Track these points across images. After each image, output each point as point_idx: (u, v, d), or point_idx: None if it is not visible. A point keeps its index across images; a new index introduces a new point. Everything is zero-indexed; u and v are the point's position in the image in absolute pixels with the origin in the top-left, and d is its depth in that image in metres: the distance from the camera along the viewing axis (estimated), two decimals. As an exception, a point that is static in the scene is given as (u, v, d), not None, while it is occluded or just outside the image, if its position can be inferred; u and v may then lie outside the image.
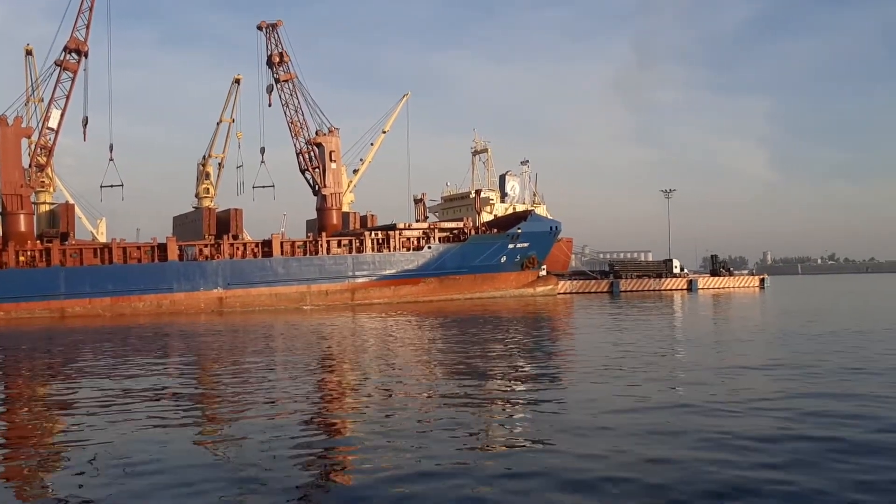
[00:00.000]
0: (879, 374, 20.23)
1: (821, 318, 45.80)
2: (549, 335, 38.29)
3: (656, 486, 10.25)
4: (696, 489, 10.10)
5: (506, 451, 12.70)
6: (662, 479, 10.58)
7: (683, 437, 13.13)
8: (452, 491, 10.21)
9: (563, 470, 11.13)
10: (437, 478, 10.86)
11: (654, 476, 10.71)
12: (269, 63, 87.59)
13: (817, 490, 9.93)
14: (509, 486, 10.40)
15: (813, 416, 14.65)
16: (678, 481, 10.45)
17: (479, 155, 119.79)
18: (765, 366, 22.63)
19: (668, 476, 10.69)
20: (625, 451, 12.18)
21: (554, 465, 11.45)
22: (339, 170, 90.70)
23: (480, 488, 10.36)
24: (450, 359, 26.40)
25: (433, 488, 10.34)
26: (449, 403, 17.14)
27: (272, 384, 20.90)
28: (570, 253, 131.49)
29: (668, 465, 11.27)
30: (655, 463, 11.44)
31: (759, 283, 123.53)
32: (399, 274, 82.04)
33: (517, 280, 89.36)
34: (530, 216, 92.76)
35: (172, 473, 11.46)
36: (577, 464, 11.52)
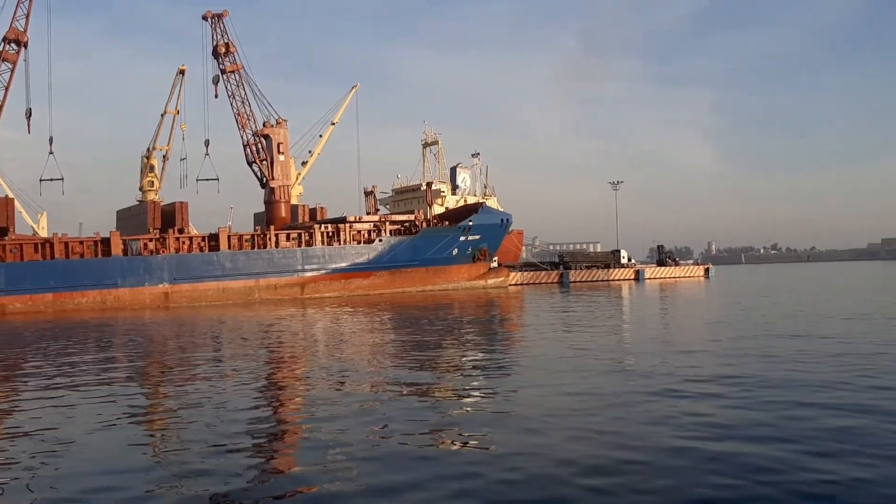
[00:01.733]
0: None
1: (756, 306, 46.80)
2: (500, 326, 38.26)
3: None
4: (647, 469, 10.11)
5: (453, 447, 12.50)
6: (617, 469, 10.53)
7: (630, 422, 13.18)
8: (405, 487, 10.00)
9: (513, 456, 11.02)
10: (386, 474, 10.63)
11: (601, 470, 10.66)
12: (215, 54, 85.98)
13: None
14: (460, 486, 10.20)
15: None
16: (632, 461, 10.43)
17: (429, 147, 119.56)
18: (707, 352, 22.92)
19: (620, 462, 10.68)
20: (567, 448, 12.12)
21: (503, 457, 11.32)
22: (288, 162, 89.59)
23: (428, 481, 10.17)
24: (400, 351, 26.14)
25: (381, 481, 10.14)
26: (399, 394, 16.96)
27: (217, 380, 20.36)
28: (521, 245, 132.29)
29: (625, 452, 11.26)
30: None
31: (704, 273, 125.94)
32: (350, 267, 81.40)
33: (469, 272, 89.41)
34: (481, 208, 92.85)
35: (111, 462, 11.32)
36: (526, 451, 11.43)
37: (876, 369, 18.72)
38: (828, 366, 19.54)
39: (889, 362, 19.99)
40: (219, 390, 18.54)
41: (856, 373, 18.26)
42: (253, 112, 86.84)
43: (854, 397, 15.30)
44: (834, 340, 25.27)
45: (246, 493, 10.01)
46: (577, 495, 9.55)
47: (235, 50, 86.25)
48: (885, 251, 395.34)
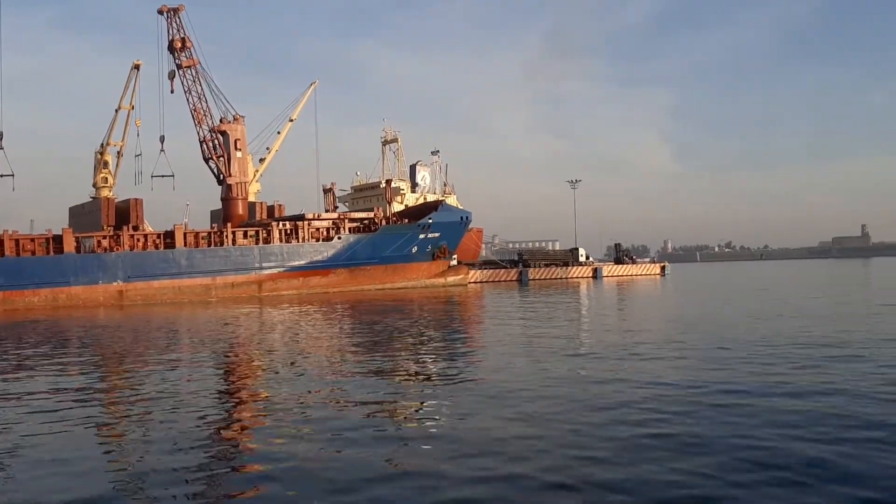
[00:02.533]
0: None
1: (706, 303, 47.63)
2: (460, 324, 38.33)
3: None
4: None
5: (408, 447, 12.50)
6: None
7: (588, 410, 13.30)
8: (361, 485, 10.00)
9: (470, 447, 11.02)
10: (343, 472, 10.64)
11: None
12: (171, 48, 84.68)
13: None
14: (414, 483, 10.23)
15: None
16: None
17: (389, 145, 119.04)
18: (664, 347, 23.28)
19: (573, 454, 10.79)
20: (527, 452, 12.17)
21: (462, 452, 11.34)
22: (245, 159, 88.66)
23: (381, 486, 10.16)
24: (360, 349, 26.04)
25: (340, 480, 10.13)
26: (359, 391, 16.87)
27: (172, 380, 20.08)
28: (481, 242, 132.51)
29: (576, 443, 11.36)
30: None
31: (660, 271, 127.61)
32: (308, 265, 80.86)
33: (429, 270, 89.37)
34: (441, 206, 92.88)
35: (66, 465, 11.11)
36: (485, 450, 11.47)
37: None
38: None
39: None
40: (173, 393, 18.18)
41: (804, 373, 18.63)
42: (210, 108, 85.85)
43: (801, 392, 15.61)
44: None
45: (201, 496, 9.89)
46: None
47: (192, 45, 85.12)
48: (836, 250, 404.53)
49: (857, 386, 15.77)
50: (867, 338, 24.66)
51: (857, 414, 13.23)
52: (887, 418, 12.81)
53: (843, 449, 10.99)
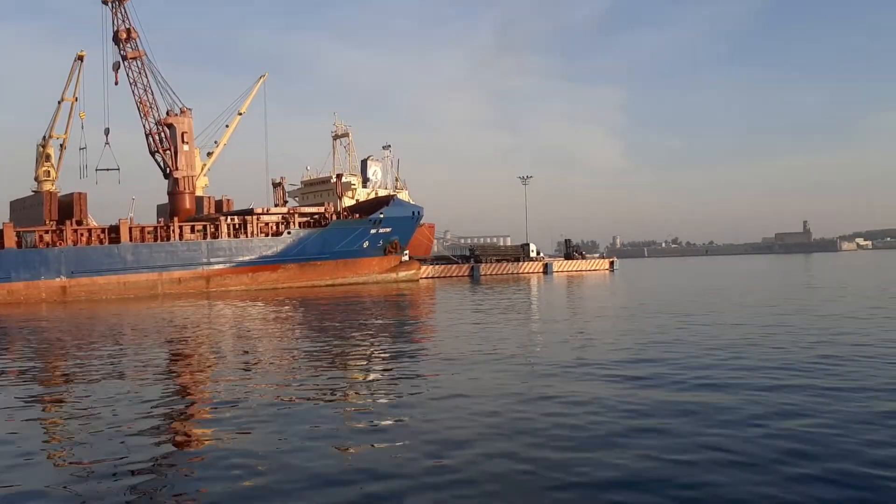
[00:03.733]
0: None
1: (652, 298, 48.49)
2: (410, 320, 38.23)
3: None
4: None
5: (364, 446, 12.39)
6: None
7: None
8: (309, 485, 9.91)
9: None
10: (292, 472, 10.54)
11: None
12: (116, 39, 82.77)
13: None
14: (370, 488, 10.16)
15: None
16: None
17: (340, 139, 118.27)
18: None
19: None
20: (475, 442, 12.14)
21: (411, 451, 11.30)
22: (192, 152, 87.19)
23: (331, 486, 10.07)
24: (309, 346, 25.83)
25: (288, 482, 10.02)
26: (308, 389, 16.74)
27: (115, 378, 19.62)
28: (433, 238, 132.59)
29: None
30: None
31: (609, 266, 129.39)
32: (257, 260, 79.93)
33: (380, 265, 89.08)
34: (392, 201, 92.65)
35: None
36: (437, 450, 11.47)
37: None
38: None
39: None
40: (116, 392, 17.71)
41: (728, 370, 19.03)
42: (156, 100, 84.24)
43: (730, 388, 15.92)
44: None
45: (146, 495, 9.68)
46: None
47: (137, 36, 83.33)
48: (779, 245, 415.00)
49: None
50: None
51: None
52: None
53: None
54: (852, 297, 43.02)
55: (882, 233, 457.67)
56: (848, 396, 14.01)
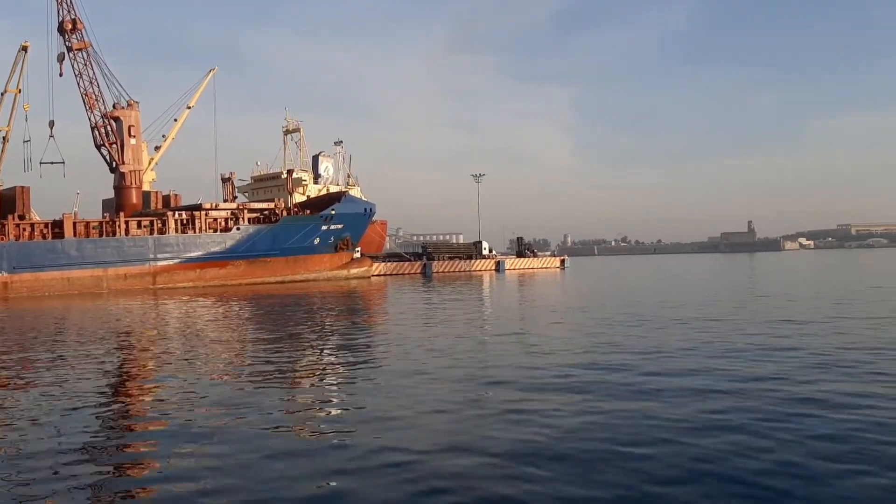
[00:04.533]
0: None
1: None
2: (361, 318, 38.04)
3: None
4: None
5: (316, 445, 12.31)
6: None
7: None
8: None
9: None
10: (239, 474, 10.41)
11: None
12: (61, 30, 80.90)
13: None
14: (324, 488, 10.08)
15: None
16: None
17: (291, 134, 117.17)
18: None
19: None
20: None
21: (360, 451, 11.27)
22: (139, 146, 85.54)
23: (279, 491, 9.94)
24: (256, 347, 25.52)
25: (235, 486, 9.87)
26: (256, 388, 16.52)
27: (57, 378, 19.15)
28: (385, 235, 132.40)
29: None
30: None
31: (560, 264, 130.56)
32: (205, 256, 78.79)
33: (331, 262, 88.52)
34: (344, 198, 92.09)
35: None
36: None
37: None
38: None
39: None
40: (57, 393, 17.25)
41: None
42: (102, 93, 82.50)
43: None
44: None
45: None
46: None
47: (83, 27, 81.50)
48: (724, 244, 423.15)
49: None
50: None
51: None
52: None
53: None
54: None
55: (823, 233, 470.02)
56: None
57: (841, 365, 17.23)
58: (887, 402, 13.15)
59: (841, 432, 11.19)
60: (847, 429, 11.38)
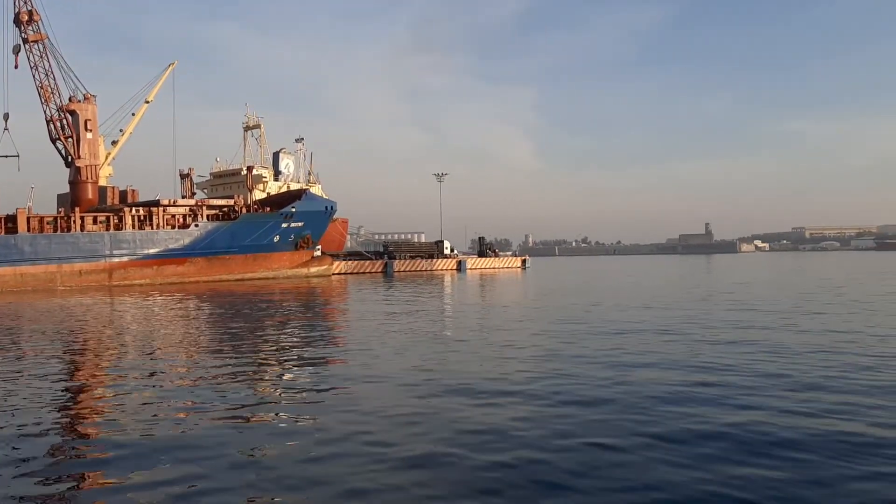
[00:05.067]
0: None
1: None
2: (321, 317, 37.85)
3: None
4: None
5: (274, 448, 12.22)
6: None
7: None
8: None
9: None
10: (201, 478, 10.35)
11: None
12: (17, 21, 79.38)
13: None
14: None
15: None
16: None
17: (251, 130, 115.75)
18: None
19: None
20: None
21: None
22: (96, 140, 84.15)
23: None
24: (212, 347, 25.28)
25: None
26: (214, 393, 16.46)
27: (5, 379, 18.79)
28: (346, 233, 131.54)
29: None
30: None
31: (521, 264, 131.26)
32: (163, 253, 77.76)
33: (291, 260, 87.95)
34: (305, 195, 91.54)
35: None
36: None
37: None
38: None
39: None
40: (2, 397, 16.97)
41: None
42: (58, 86, 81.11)
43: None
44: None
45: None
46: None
47: (40, 18, 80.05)
48: (682, 247, 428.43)
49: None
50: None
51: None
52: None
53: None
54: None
55: (778, 235, 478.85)
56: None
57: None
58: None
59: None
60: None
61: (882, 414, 12.57)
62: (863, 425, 11.77)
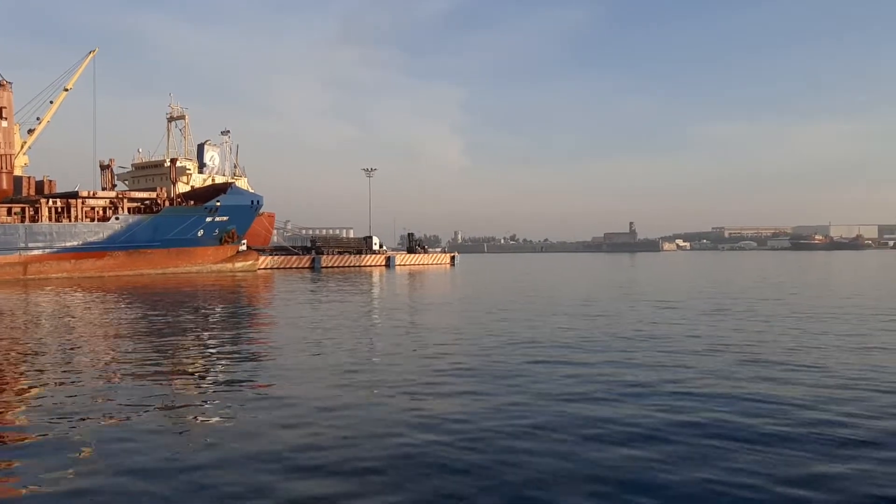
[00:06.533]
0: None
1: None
2: (244, 313, 37.22)
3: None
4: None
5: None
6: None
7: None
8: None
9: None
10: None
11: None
12: (-78, -1, 75.59)
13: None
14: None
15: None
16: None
17: (175, 122, 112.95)
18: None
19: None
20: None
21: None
22: (11, 128, 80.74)
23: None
24: (130, 344, 24.60)
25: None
26: (132, 392, 16.06)
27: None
28: (272, 228, 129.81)
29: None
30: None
31: (450, 261, 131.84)
32: (82, 246, 75.30)
33: (215, 255, 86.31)
34: (230, 189, 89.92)
35: None
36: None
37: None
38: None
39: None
40: None
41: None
42: (-31, 70, 77.47)
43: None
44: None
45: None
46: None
47: (-53, -2, 76.39)
48: (607, 245, 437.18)
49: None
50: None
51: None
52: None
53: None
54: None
55: (699, 235, 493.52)
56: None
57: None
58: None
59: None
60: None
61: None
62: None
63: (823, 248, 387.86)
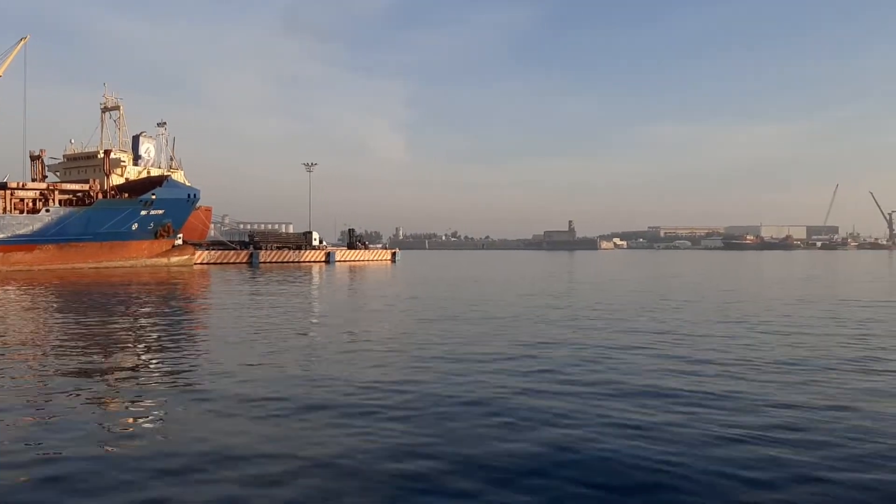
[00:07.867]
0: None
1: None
2: (178, 309, 36.41)
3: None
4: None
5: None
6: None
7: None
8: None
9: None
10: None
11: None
12: None
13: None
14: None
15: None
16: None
17: (109, 112, 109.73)
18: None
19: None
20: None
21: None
22: (-66, 116, 77.76)
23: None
24: (58, 342, 23.86)
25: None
26: (62, 389, 15.54)
27: None
28: (209, 222, 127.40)
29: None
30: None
31: (391, 257, 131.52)
32: (10, 239, 72.79)
33: (150, 249, 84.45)
34: (166, 182, 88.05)
35: None
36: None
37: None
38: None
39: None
40: None
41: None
42: None
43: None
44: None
45: None
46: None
47: None
48: (547, 243, 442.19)
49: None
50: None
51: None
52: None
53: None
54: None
55: (635, 234, 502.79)
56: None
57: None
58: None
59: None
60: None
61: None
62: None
63: (755, 248, 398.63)
